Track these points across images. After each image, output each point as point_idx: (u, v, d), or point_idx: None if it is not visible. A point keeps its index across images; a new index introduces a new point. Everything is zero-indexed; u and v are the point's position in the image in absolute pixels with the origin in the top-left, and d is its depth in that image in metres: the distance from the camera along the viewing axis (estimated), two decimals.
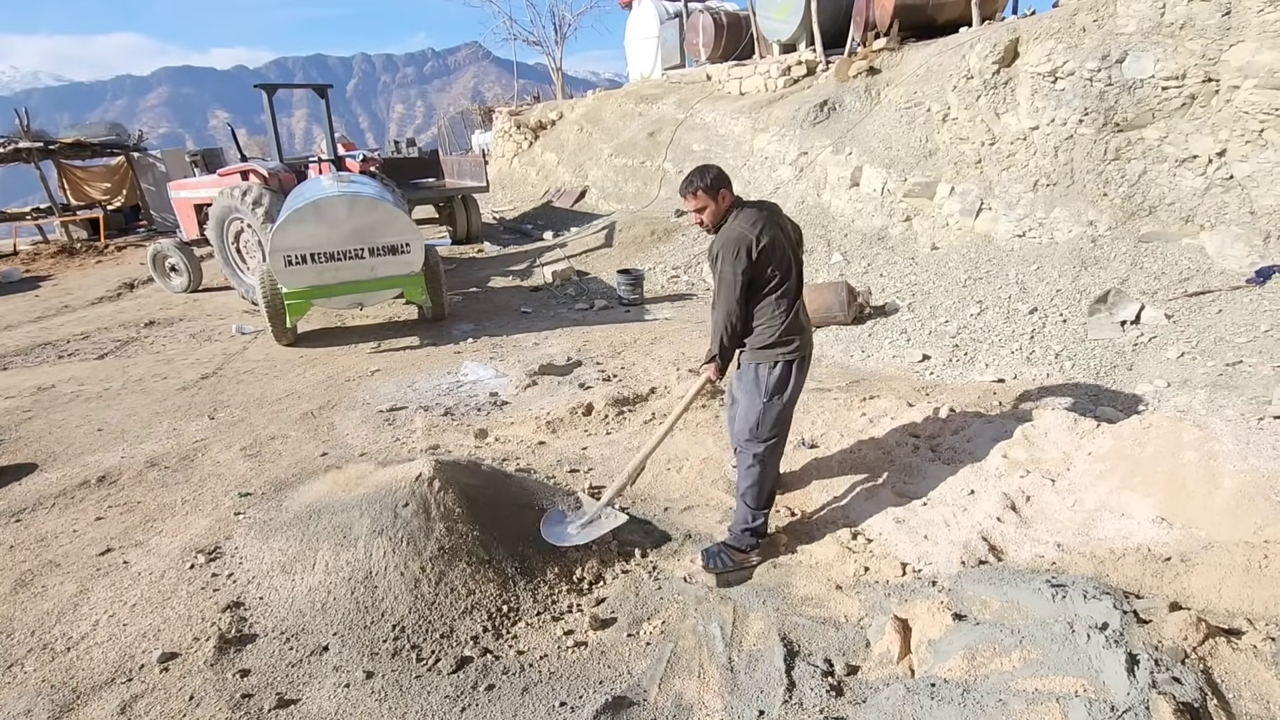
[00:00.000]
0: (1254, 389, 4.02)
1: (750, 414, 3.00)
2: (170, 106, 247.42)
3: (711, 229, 2.98)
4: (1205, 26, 5.48)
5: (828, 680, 2.35)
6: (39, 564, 3.20)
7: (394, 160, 13.30)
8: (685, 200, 2.98)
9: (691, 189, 2.92)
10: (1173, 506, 2.84)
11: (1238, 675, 1.94)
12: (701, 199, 2.91)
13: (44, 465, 4.30)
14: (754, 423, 2.98)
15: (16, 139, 13.77)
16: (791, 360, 2.95)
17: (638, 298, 7.88)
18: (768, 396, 2.95)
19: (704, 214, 2.95)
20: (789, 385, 2.97)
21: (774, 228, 2.89)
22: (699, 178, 2.92)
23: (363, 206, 6.39)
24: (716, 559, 3.02)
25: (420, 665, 2.52)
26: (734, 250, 2.82)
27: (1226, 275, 5.15)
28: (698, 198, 2.92)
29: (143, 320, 8.02)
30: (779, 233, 2.91)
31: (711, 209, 2.92)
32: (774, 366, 2.94)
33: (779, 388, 2.95)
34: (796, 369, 2.98)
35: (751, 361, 3.02)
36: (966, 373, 5.21)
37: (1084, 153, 6.23)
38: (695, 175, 2.94)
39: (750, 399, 3.00)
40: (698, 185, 2.90)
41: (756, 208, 2.96)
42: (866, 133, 8.49)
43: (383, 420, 4.81)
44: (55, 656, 2.60)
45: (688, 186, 2.93)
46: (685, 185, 2.95)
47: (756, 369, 2.99)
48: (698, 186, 2.90)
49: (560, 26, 24.78)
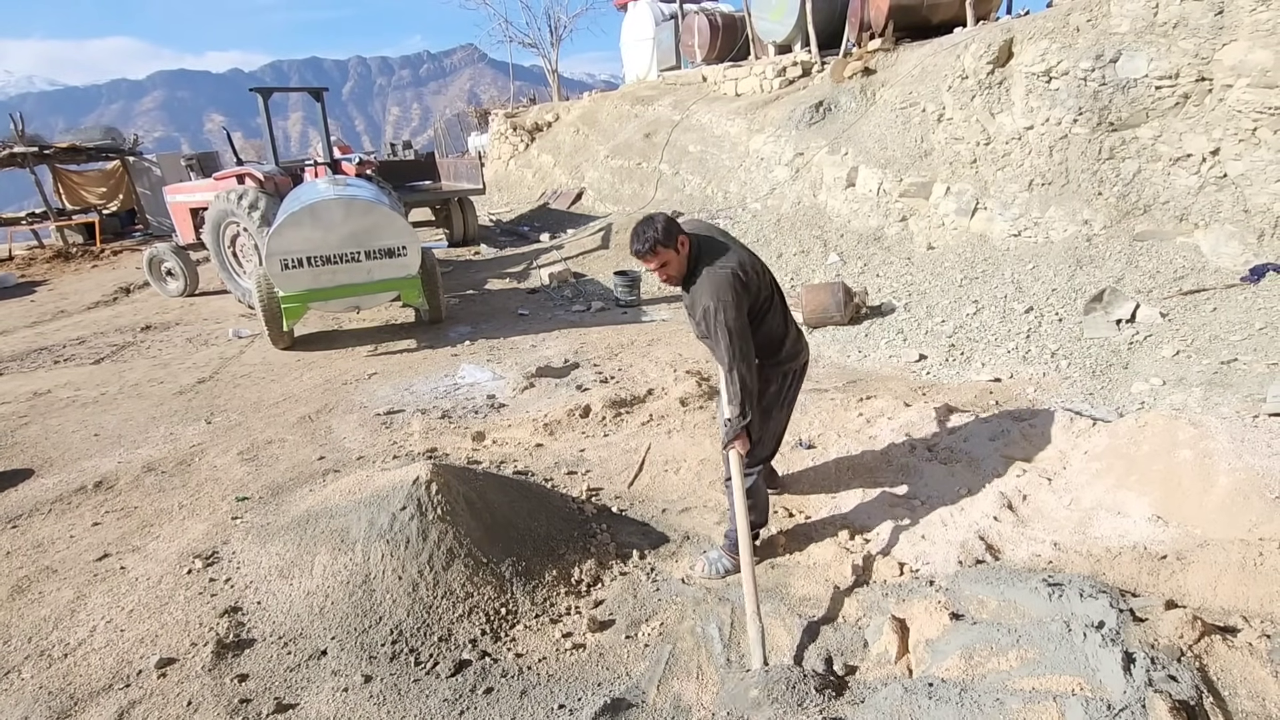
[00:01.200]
0: (1249, 387, 4.04)
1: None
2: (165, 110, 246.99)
3: (679, 281, 2.72)
4: (1198, 26, 5.50)
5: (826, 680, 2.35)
6: (36, 570, 3.19)
7: (390, 163, 13.28)
8: (644, 262, 2.67)
9: (648, 246, 2.60)
10: (1168, 505, 2.85)
11: (1233, 673, 1.95)
12: (662, 254, 2.61)
13: (40, 471, 4.29)
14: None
15: (11, 144, 13.73)
16: (788, 371, 2.94)
17: (634, 299, 7.88)
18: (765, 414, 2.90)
19: (669, 269, 2.66)
20: (783, 395, 2.96)
21: (737, 248, 2.74)
22: (651, 231, 2.59)
23: (359, 210, 6.38)
24: (717, 564, 3.02)
25: (419, 669, 2.51)
26: (729, 295, 2.56)
27: (1221, 273, 5.17)
28: (657, 254, 2.61)
29: (139, 325, 8.00)
30: (739, 247, 2.77)
31: (674, 260, 2.64)
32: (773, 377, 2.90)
33: (775, 398, 2.93)
34: (794, 378, 2.98)
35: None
36: (963, 372, 5.22)
37: (1079, 152, 6.25)
38: (645, 231, 2.61)
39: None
40: (653, 240, 2.58)
41: (709, 238, 2.74)
42: (862, 133, 8.51)
43: (380, 423, 4.81)
44: (52, 663, 2.59)
45: (644, 249, 2.61)
46: (639, 245, 2.62)
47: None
48: (654, 241, 2.58)
49: (556, 28, 24.83)
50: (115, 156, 15.30)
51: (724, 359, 2.64)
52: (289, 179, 8.29)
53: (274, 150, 8.64)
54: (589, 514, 3.49)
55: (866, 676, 2.38)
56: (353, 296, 6.60)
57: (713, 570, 3.01)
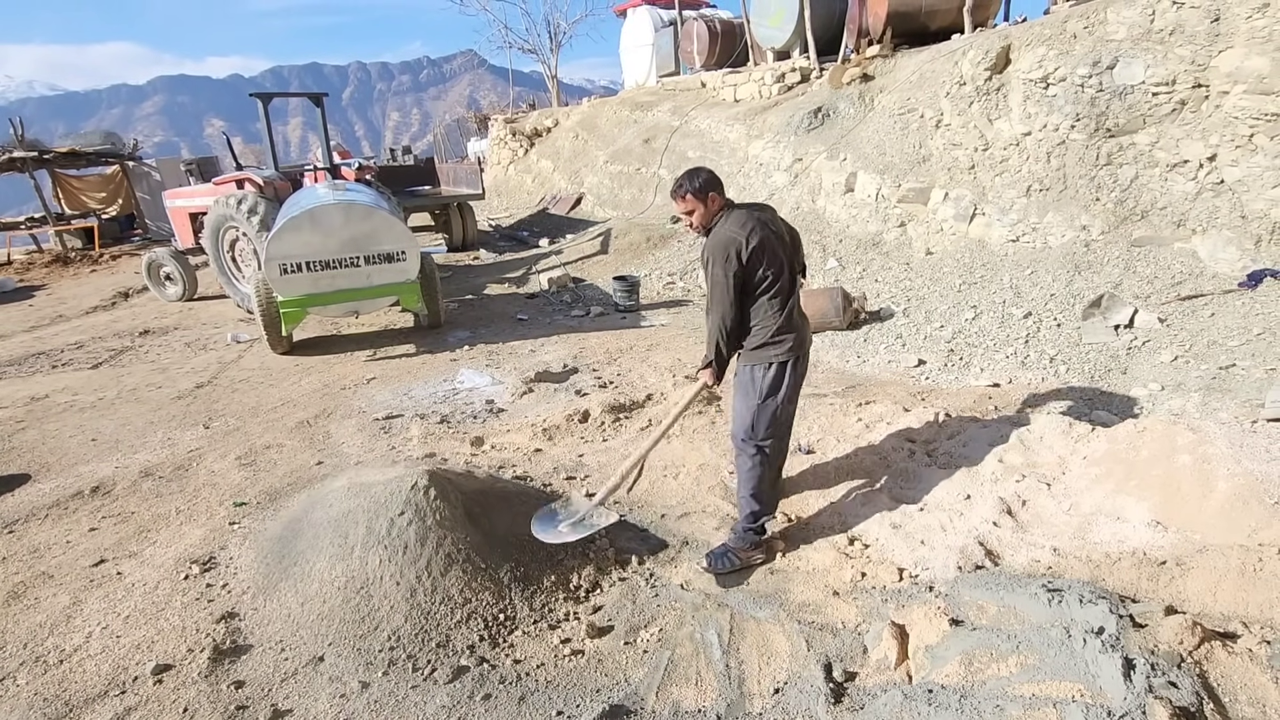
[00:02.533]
0: (1247, 392, 4.04)
1: (745, 415, 3.02)
2: (166, 115, 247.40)
3: (702, 231, 3.00)
4: (1194, 33, 5.53)
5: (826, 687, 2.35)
6: (32, 575, 3.18)
7: (390, 168, 13.32)
8: (675, 203, 3.01)
9: (681, 192, 2.95)
10: (1167, 510, 2.85)
11: (1234, 679, 1.94)
12: (690, 202, 2.94)
13: (37, 476, 4.28)
14: (749, 424, 3.01)
15: (11, 148, 13.74)
16: (785, 361, 2.96)
17: (634, 304, 7.88)
18: (762, 398, 2.97)
19: (693, 216, 2.98)
20: (783, 386, 2.98)
21: (764, 229, 2.89)
22: (688, 181, 2.94)
23: (358, 214, 6.39)
24: (721, 559, 3.04)
25: (416, 675, 2.50)
26: (724, 253, 2.83)
27: (1219, 279, 5.18)
28: (686, 200, 2.94)
29: (137, 329, 7.99)
30: (769, 234, 2.91)
31: (700, 211, 2.94)
32: (768, 368, 2.96)
33: (773, 389, 2.96)
34: (791, 369, 2.99)
35: (746, 364, 3.03)
36: (962, 377, 5.22)
37: (1076, 158, 6.28)
38: (685, 178, 2.96)
39: (745, 400, 3.02)
40: (687, 188, 2.93)
41: (747, 210, 2.96)
42: (860, 139, 8.54)
43: (379, 428, 4.80)
44: (48, 669, 2.58)
45: (677, 189, 2.97)
46: (675, 188, 2.98)
47: (751, 370, 3.01)
48: (687, 190, 2.93)
49: (555, 34, 24.93)
50: (115, 161, 15.33)
51: (708, 304, 2.98)
52: (288, 184, 8.30)
53: (274, 155, 8.65)
54: None
55: (866, 683, 2.37)
56: (352, 301, 6.60)
57: (720, 564, 3.03)
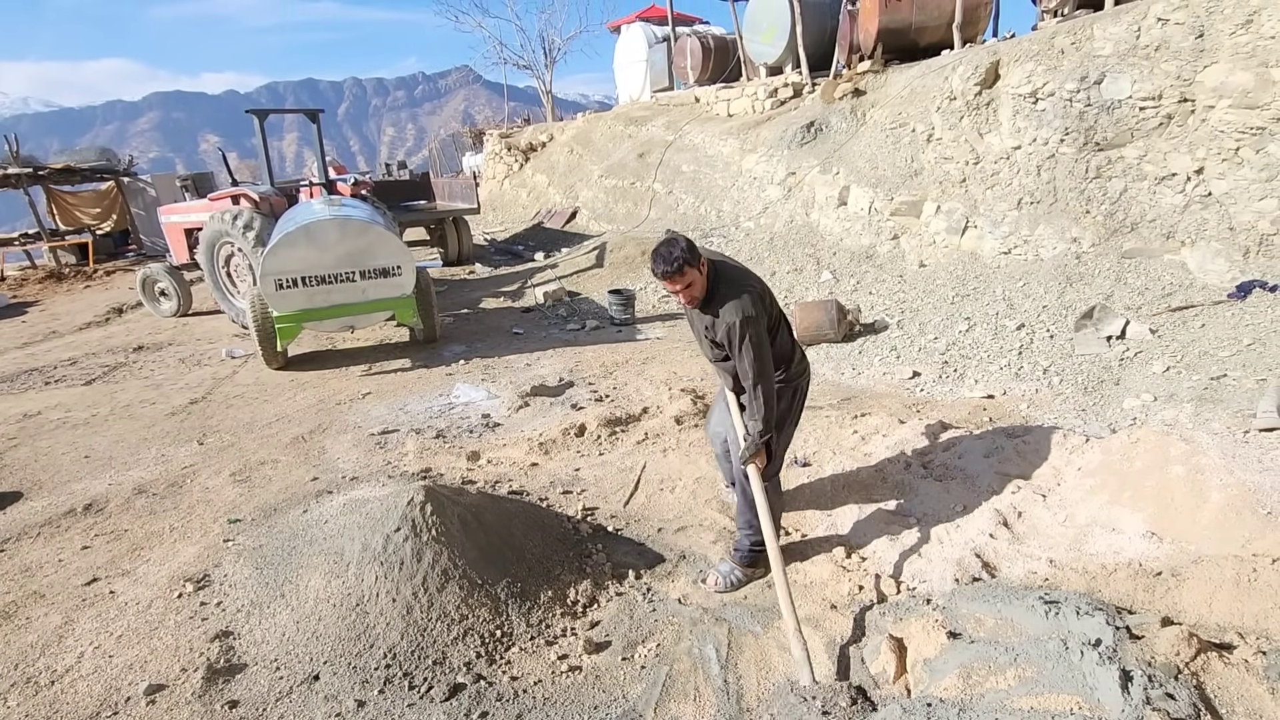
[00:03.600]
0: (1239, 402, 4.07)
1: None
2: (161, 131, 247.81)
3: (699, 302, 2.75)
4: (1179, 49, 5.62)
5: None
6: (23, 595, 3.15)
7: (385, 183, 13.36)
8: (669, 283, 2.67)
9: (676, 267, 2.60)
10: (1162, 521, 2.86)
11: (1230, 690, 1.95)
12: (689, 274, 2.63)
13: (29, 493, 4.24)
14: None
15: (5, 165, 13.73)
16: (799, 385, 3.00)
17: (629, 317, 7.91)
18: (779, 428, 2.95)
19: (693, 289, 2.68)
20: (793, 409, 3.02)
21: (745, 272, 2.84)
22: (678, 251, 2.59)
23: (354, 230, 6.40)
24: (729, 577, 3.04)
25: (413, 693, 2.48)
26: (753, 312, 2.63)
27: (1208, 290, 5.23)
28: (685, 274, 2.62)
29: (131, 345, 7.97)
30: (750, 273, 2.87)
31: (698, 281, 2.67)
32: (793, 395, 2.99)
33: (787, 415, 2.97)
34: (804, 392, 3.04)
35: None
36: (956, 389, 5.24)
37: (1066, 171, 6.35)
38: (672, 251, 2.60)
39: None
40: (681, 260, 2.59)
41: (721, 260, 2.82)
42: (853, 153, 8.62)
43: (374, 443, 4.79)
44: (39, 690, 2.55)
45: (671, 266, 2.60)
46: (667, 266, 2.61)
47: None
48: (682, 262, 2.59)
49: (550, 50, 25.17)
50: (110, 177, 15.32)
51: (748, 375, 2.68)
52: (284, 199, 8.32)
53: (269, 171, 8.67)
54: (584, 534, 3.47)
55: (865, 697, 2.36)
56: (347, 316, 6.60)
57: (726, 583, 3.02)
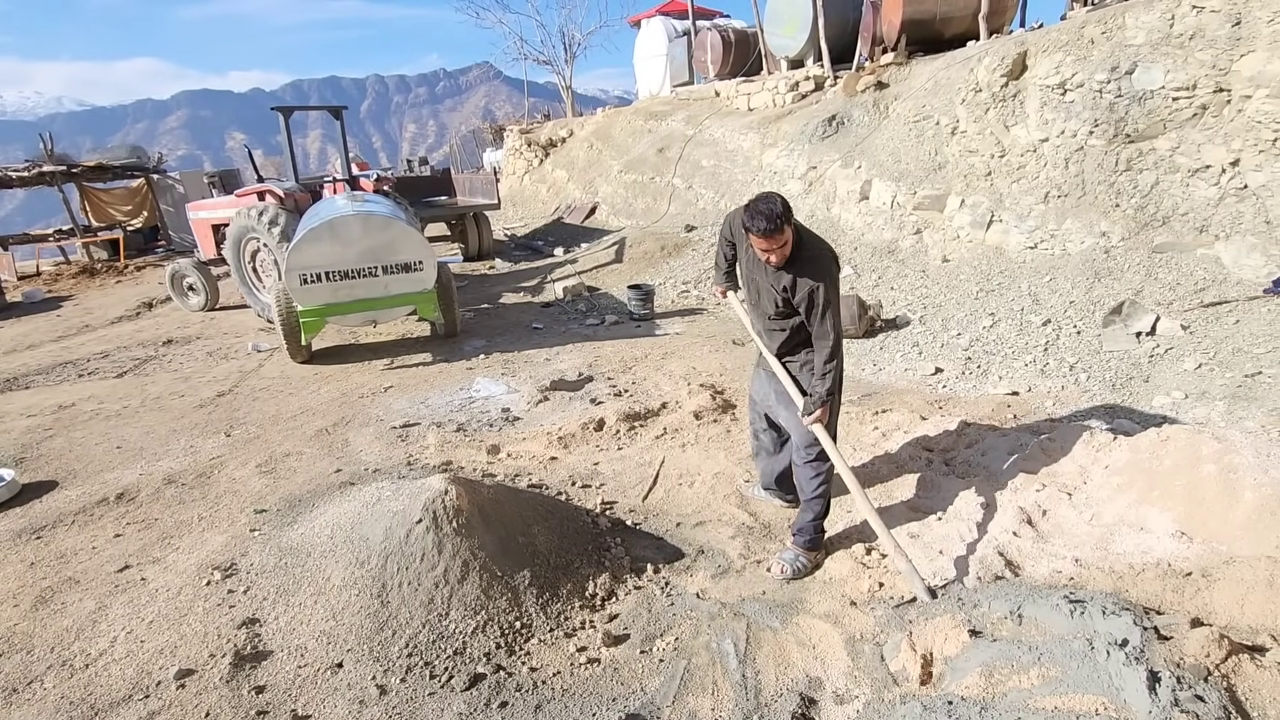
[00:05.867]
0: (1274, 400, 3.97)
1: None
2: (189, 129, 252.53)
3: (783, 262, 2.72)
4: (1215, 37, 5.47)
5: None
6: (59, 581, 3.24)
7: (407, 179, 13.49)
8: (767, 240, 2.61)
9: (777, 225, 2.54)
10: (1192, 520, 2.80)
11: (1262, 693, 1.90)
12: (786, 233, 2.59)
13: (64, 482, 4.36)
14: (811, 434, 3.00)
15: (40, 163, 14.11)
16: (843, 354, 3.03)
17: (648, 313, 7.90)
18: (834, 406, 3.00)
19: (786, 248, 2.65)
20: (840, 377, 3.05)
21: (815, 233, 2.88)
22: (778, 208, 2.54)
23: (376, 225, 6.47)
24: (795, 563, 3.05)
25: (433, 682, 2.52)
26: (835, 273, 2.68)
27: (1243, 285, 5.10)
28: (784, 233, 2.58)
29: (161, 339, 8.14)
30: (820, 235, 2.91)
31: (789, 240, 2.65)
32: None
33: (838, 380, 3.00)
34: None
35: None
36: (980, 385, 5.17)
37: (1095, 164, 6.22)
38: (770, 209, 2.55)
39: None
40: (781, 219, 2.54)
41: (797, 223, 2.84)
42: (875, 146, 8.52)
43: (396, 436, 4.85)
44: (74, 673, 2.63)
45: (773, 224, 2.54)
46: (768, 223, 2.55)
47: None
48: (781, 220, 2.54)
49: (570, 46, 25.16)
50: (140, 174, 15.66)
51: (828, 335, 2.73)
52: (308, 195, 8.43)
53: (294, 167, 8.79)
54: (603, 527, 3.49)
55: (885, 695, 2.35)
56: (370, 311, 6.68)
57: (792, 569, 3.03)
